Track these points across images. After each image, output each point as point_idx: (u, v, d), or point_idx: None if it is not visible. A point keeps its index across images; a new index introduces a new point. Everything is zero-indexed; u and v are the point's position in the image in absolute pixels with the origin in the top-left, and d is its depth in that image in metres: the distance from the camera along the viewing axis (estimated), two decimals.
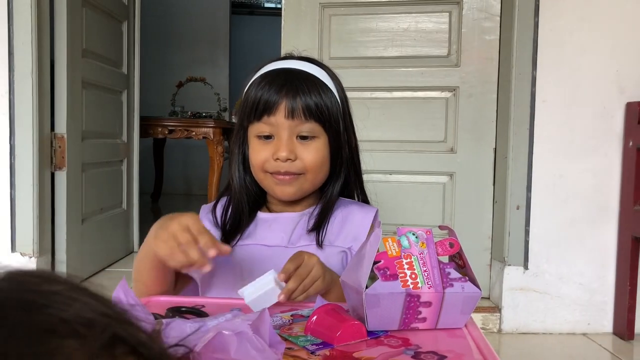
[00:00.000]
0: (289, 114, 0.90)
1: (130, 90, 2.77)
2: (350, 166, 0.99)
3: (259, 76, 0.96)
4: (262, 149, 0.93)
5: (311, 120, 0.92)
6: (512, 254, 1.95)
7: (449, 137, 2.08)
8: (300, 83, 0.92)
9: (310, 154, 0.92)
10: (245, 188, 0.98)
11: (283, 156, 0.90)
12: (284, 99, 0.90)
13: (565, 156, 1.92)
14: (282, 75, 0.94)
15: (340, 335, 0.65)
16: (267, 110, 0.91)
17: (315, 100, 0.92)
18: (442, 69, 2.07)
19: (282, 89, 0.91)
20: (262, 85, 0.93)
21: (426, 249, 0.70)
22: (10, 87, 1.93)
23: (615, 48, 1.90)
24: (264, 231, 0.96)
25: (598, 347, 1.84)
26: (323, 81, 0.95)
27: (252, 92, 0.93)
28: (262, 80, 0.94)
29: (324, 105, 0.93)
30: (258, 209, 0.99)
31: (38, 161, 1.97)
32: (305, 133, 0.92)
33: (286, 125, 0.91)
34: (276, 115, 0.91)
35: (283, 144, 0.91)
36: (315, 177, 0.95)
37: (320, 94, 0.93)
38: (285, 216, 0.97)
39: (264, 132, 0.92)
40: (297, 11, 2.10)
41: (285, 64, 0.96)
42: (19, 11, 1.91)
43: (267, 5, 6.19)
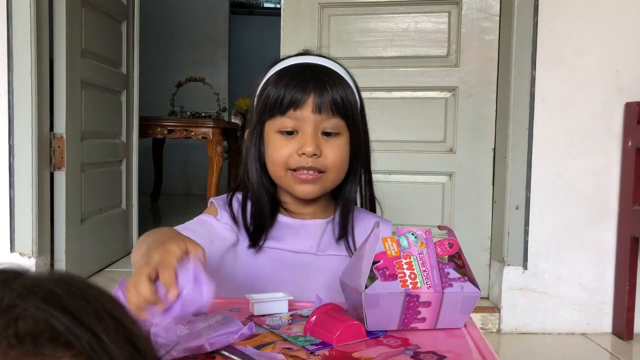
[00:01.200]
0: (316, 109, 0.88)
1: (129, 90, 2.77)
2: (365, 166, 0.98)
3: (278, 71, 0.93)
4: (286, 144, 0.90)
5: (337, 116, 0.90)
6: (511, 254, 1.95)
7: (449, 137, 2.08)
8: (327, 78, 0.91)
9: (335, 151, 0.91)
10: (264, 187, 0.95)
11: (309, 151, 0.88)
12: (312, 93, 0.89)
13: (565, 156, 1.92)
14: (307, 69, 0.92)
15: (339, 335, 0.65)
16: (294, 104, 0.89)
17: (341, 95, 0.91)
18: (442, 69, 2.07)
19: (309, 83, 0.89)
20: (287, 81, 0.90)
21: (425, 249, 0.70)
22: (10, 87, 1.93)
23: (614, 48, 1.90)
24: (291, 237, 0.94)
25: (597, 347, 1.84)
26: (345, 78, 0.94)
27: (274, 87, 0.91)
28: (284, 75, 0.92)
29: (348, 100, 0.92)
30: (276, 210, 0.96)
31: (37, 161, 1.97)
32: (329, 129, 0.90)
33: (312, 120, 0.89)
34: (303, 110, 0.89)
35: (309, 138, 0.89)
36: (336, 175, 0.93)
37: (344, 89, 0.92)
38: (311, 223, 0.96)
39: (288, 127, 0.90)
40: (296, 11, 2.10)
41: (304, 59, 0.95)
42: (18, 11, 1.91)
43: (267, 5, 6.19)
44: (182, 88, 3.98)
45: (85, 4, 2.28)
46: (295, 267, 0.91)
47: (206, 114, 3.82)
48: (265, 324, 0.71)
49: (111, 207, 2.61)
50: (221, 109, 4.04)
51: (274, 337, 0.67)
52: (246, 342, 0.65)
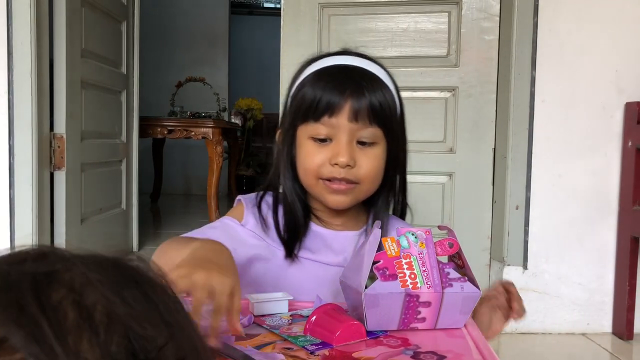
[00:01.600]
0: (352, 117, 0.83)
1: (129, 90, 2.77)
2: (401, 173, 0.95)
3: (316, 72, 0.88)
4: (318, 152, 0.85)
5: (374, 125, 0.85)
6: (511, 254, 1.95)
7: (448, 137, 2.08)
8: (365, 83, 0.85)
9: (369, 162, 0.86)
10: (296, 194, 0.90)
11: (343, 162, 0.83)
12: (349, 100, 0.83)
13: (565, 156, 1.92)
14: (344, 72, 0.87)
15: (339, 335, 0.65)
16: (329, 110, 0.84)
17: (380, 104, 0.85)
18: (442, 69, 2.07)
19: (346, 88, 0.84)
20: (323, 84, 0.85)
21: (425, 249, 0.70)
22: (10, 87, 1.93)
23: (614, 48, 1.90)
24: (324, 249, 0.90)
25: (597, 347, 1.84)
26: (383, 80, 0.88)
27: (309, 90, 0.86)
28: (320, 78, 0.87)
29: (387, 106, 0.86)
30: (308, 217, 0.93)
31: (37, 161, 1.97)
32: (365, 139, 0.85)
33: (348, 129, 0.84)
34: (338, 117, 0.84)
35: (343, 148, 0.84)
36: (369, 187, 0.89)
37: (383, 94, 0.86)
38: (344, 235, 0.92)
39: (321, 134, 0.85)
40: (296, 11, 2.10)
41: (342, 60, 0.89)
42: (18, 11, 1.91)
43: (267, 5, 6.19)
44: (182, 88, 3.98)
45: (85, 4, 2.28)
46: (327, 281, 0.88)
47: (206, 114, 3.82)
48: (265, 324, 0.71)
49: (111, 207, 2.61)
50: (221, 109, 4.05)
51: (274, 337, 0.67)
52: (246, 342, 0.65)
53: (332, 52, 0.93)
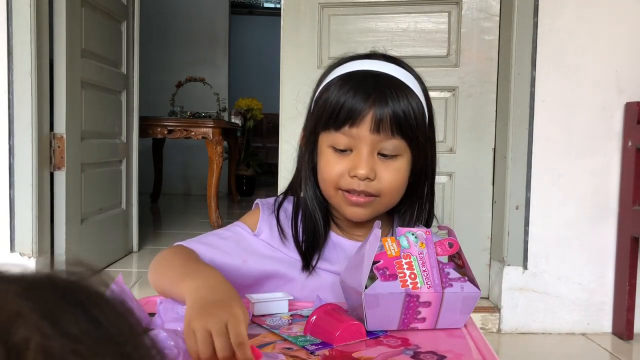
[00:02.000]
0: (374, 128, 0.80)
1: (129, 90, 2.77)
2: (429, 184, 0.91)
3: (339, 77, 0.85)
4: (337, 162, 0.83)
5: (397, 136, 0.81)
6: (511, 254, 1.95)
7: (448, 137, 2.08)
8: (390, 91, 0.81)
9: (391, 175, 0.82)
10: (317, 202, 0.88)
11: (362, 174, 0.80)
12: (372, 110, 0.80)
13: (565, 156, 1.92)
14: (369, 80, 0.83)
15: (339, 335, 0.65)
16: (351, 120, 0.80)
17: (404, 115, 0.81)
18: (442, 69, 2.07)
19: (370, 97, 0.80)
20: (346, 90, 0.82)
21: (425, 249, 0.70)
22: (10, 87, 1.93)
23: (614, 48, 1.90)
24: (345, 260, 0.85)
25: (597, 347, 1.84)
26: (410, 87, 0.84)
27: (333, 95, 0.83)
28: (345, 83, 0.83)
29: (413, 116, 0.82)
30: (328, 226, 0.90)
31: (37, 161, 1.97)
32: (388, 151, 0.82)
33: (369, 140, 0.80)
34: (360, 127, 0.80)
35: (363, 160, 0.81)
36: (391, 200, 0.86)
37: (409, 102, 0.82)
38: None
39: (341, 144, 0.82)
40: (296, 11, 2.10)
41: (369, 64, 0.86)
42: (18, 11, 1.91)
43: (267, 5, 6.19)
44: (182, 88, 3.98)
45: (85, 4, 2.28)
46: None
47: (206, 114, 3.82)
48: (266, 324, 0.71)
49: (111, 207, 2.61)
50: (221, 109, 4.05)
51: (274, 337, 0.67)
52: None
53: (360, 55, 0.89)
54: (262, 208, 0.91)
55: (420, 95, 0.85)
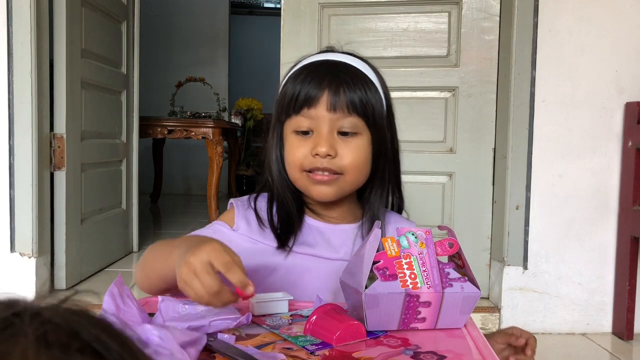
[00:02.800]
0: (330, 107, 0.85)
1: (129, 90, 2.77)
2: (392, 168, 0.94)
3: (298, 68, 0.90)
4: (300, 145, 0.87)
5: (354, 115, 0.86)
6: (511, 254, 1.95)
7: (449, 137, 2.08)
8: (344, 75, 0.87)
9: (351, 152, 0.86)
10: (288, 188, 0.91)
11: (323, 151, 0.84)
12: (326, 90, 0.85)
13: (565, 156, 1.92)
14: (324, 66, 0.89)
15: (339, 335, 0.65)
16: (308, 102, 0.86)
17: (359, 94, 0.86)
18: (442, 69, 2.07)
19: (324, 80, 0.86)
20: (302, 78, 0.87)
21: (425, 249, 0.70)
22: (10, 88, 1.93)
23: (614, 48, 1.90)
24: (323, 242, 0.90)
25: (597, 347, 1.84)
26: (367, 75, 0.90)
27: (291, 85, 0.88)
28: (302, 72, 0.89)
29: (368, 100, 0.87)
30: (302, 211, 0.93)
31: (37, 161, 1.97)
32: (346, 129, 0.86)
33: (327, 119, 0.85)
34: (317, 108, 0.85)
35: (323, 138, 0.85)
36: (355, 178, 0.88)
37: (364, 88, 0.87)
38: (343, 228, 0.92)
39: (303, 126, 0.87)
40: (296, 11, 2.10)
41: (327, 56, 0.91)
42: (18, 11, 1.91)
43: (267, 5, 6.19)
44: (182, 88, 3.98)
45: (85, 4, 2.28)
46: (326, 276, 0.87)
47: (206, 114, 3.82)
48: (266, 324, 0.71)
49: (111, 207, 2.61)
50: (221, 109, 4.05)
51: (274, 337, 0.67)
52: (246, 342, 0.65)
53: (319, 51, 0.95)
54: (237, 205, 0.94)
55: (378, 84, 0.91)
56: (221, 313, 0.68)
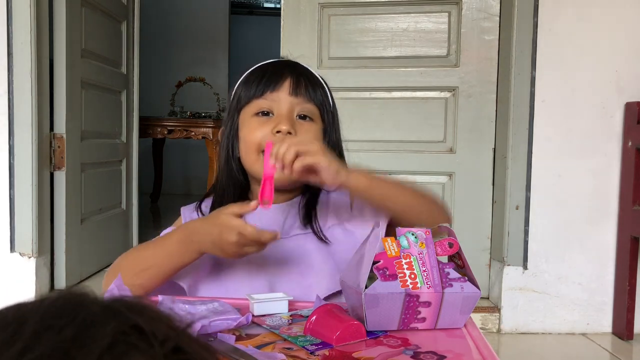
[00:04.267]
0: (293, 91, 0.90)
1: (129, 90, 2.77)
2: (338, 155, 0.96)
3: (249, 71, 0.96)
4: (260, 126, 0.90)
5: (312, 102, 0.92)
6: (511, 254, 1.95)
7: (449, 137, 2.08)
8: (300, 70, 0.94)
9: (308, 134, 0.90)
10: (231, 179, 0.94)
11: (284, 128, 0.87)
12: (289, 77, 0.91)
13: (565, 156, 1.92)
14: (281, 62, 0.96)
15: (339, 335, 0.65)
16: (271, 84, 0.90)
17: (317, 83, 0.94)
18: (442, 69, 2.07)
19: (286, 69, 0.92)
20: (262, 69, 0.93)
21: (425, 249, 0.70)
22: (10, 87, 1.93)
23: (614, 48, 1.90)
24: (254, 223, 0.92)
25: (597, 347, 1.84)
26: (318, 78, 0.97)
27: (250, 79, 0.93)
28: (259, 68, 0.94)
29: (322, 92, 0.94)
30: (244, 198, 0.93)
31: (37, 161, 1.97)
32: (305, 112, 0.91)
33: (288, 101, 0.90)
34: (279, 91, 0.90)
35: (285, 117, 0.89)
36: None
37: (319, 86, 0.94)
38: (274, 207, 0.90)
39: (264, 107, 0.91)
40: (296, 11, 2.10)
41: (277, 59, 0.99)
42: (18, 11, 1.91)
43: (267, 5, 6.19)
44: (182, 88, 3.98)
45: (85, 4, 2.28)
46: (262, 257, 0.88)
47: (206, 114, 3.82)
48: (265, 324, 0.71)
49: (111, 207, 2.61)
50: (221, 109, 4.04)
51: (274, 337, 0.67)
52: (247, 342, 0.65)
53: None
54: (183, 211, 0.99)
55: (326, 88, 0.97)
56: (221, 313, 0.68)
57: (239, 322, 0.67)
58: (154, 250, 0.87)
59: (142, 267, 0.85)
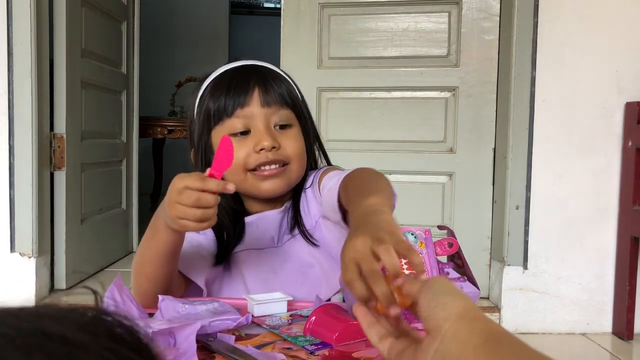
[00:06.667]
0: (264, 103, 0.86)
1: (129, 90, 2.77)
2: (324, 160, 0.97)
3: (213, 81, 0.90)
4: (240, 146, 0.84)
5: (285, 107, 0.88)
6: (511, 254, 1.95)
7: (449, 137, 2.08)
8: (266, 74, 0.89)
9: (292, 142, 0.88)
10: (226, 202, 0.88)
11: (267, 145, 0.84)
12: (256, 88, 0.86)
13: (565, 156, 1.92)
14: (244, 69, 0.90)
15: (339, 335, 0.65)
16: (239, 102, 0.85)
17: (285, 89, 0.89)
18: (442, 69, 2.07)
19: (251, 79, 0.87)
20: (226, 83, 0.87)
21: (425, 249, 0.70)
22: (10, 87, 1.93)
23: (614, 48, 1.90)
24: (252, 233, 0.91)
25: (597, 347, 1.84)
26: (282, 74, 0.93)
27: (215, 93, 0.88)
28: (222, 80, 0.89)
29: (293, 93, 0.91)
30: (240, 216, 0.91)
31: (37, 161, 1.97)
32: (282, 121, 0.88)
33: (262, 115, 0.86)
34: (251, 106, 0.86)
35: (264, 133, 0.85)
36: (300, 166, 0.90)
37: (285, 83, 0.91)
38: (269, 215, 0.91)
39: (238, 127, 0.86)
40: (296, 11, 2.10)
41: (235, 64, 0.92)
42: (18, 11, 1.91)
43: (267, 5, 6.18)
44: (182, 88, 3.98)
45: (85, 4, 2.28)
46: (261, 265, 0.89)
47: None
48: (265, 324, 0.71)
49: (111, 207, 2.61)
50: None
51: (274, 337, 0.67)
52: (246, 342, 0.65)
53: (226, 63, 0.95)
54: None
55: (292, 83, 0.93)
56: (221, 313, 0.68)
57: (239, 322, 0.67)
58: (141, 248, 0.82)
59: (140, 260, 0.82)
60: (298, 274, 0.90)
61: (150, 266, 0.80)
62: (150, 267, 0.80)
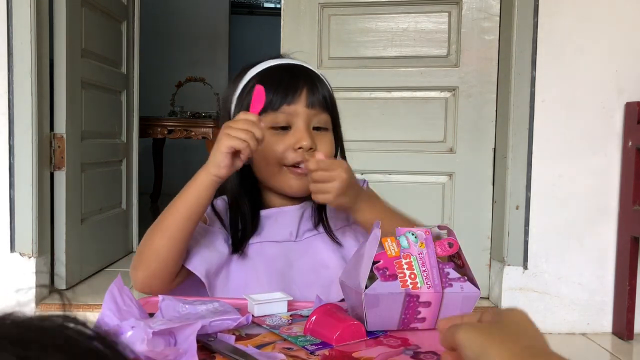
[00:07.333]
0: (309, 103, 0.89)
1: (129, 90, 2.77)
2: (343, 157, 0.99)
3: (262, 71, 0.93)
4: (279, 140, 0.88)
5: (326, 112, 0.92)
6: (511, 254, 1.95)
7: (449, 137, 2.08)
8: (313, 76, 0.93)
9: (327, 146, 0.92)
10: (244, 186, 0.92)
11: (307, 145, 0.88)
12: (304, 88, 0.90)
13: (565, 156, 1.92)
14: (295, 67, 0.94)
15: (339, 335, 0.65)
16: (288, 98, 0.89)
17: (328, 92, 0.93)
18: (442, 69, 2.07)
19: (300, 79, 0.90)
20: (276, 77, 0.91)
21: (425, 249, 0.70)
22: (10, 87, 1.93)
23: (614, 48, 1.90)
24: (270, 227, 0.92)
25: (597, 347, 1.84)
26: (324, 79, 0.96)
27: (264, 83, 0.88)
28: (272, 73, 0.92)
29: (333, 99, 0.94)
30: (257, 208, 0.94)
31: (37, 161, 1.97)
32: (321, 124, 0.91)
33: (305, 115, 0.89)
34: (297, 104, 0.89)
35: (305, 133, 0.88)
36: None
37: (327, 85, 0.94)
38: (288, 209, 0.93)
39: (281, 123, 0.89)
40: (296, 11, 2.10)
41: (283, 61, 0.96)
42: (18, 11, 1.91)
43: (267, 5, 6.18)
44: (182, 88, 3.98)
45: (85, 4, 2.28)
46: (278, 258, 0.90)
47: (206, 114, 3.82)
48: (265, 324, 0.71)
49: (111, 207, 2.61)
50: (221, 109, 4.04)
51: (274, 337, 0.67)
52: (247, 342, 0.65)
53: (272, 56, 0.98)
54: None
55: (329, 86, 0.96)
56: (221, 313, 0.68)
57: (239, 322, 0.67)
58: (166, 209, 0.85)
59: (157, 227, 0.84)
60: (310, 272, 0.91)
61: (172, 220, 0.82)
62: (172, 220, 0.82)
